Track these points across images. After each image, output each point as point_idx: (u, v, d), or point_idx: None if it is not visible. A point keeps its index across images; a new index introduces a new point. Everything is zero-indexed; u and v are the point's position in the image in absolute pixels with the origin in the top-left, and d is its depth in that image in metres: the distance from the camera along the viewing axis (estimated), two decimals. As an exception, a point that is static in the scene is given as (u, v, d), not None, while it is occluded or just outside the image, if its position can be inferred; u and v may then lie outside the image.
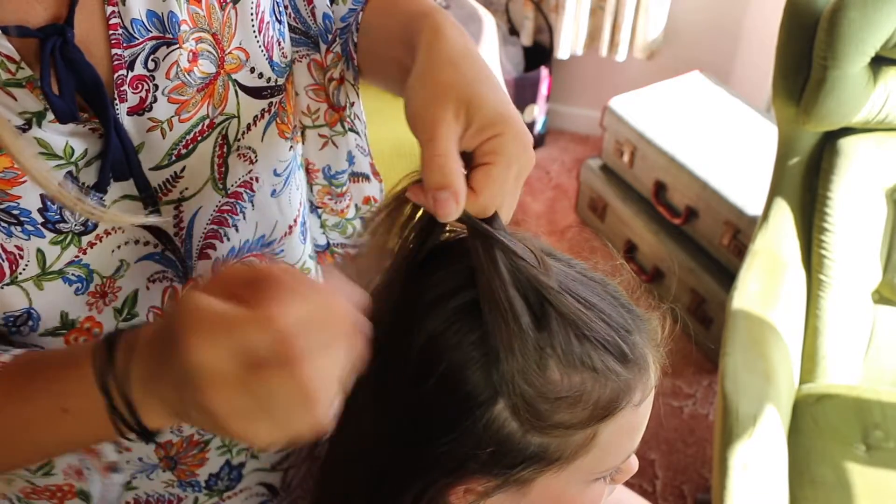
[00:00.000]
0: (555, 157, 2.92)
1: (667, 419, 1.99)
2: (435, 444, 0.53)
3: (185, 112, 0.54)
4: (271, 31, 0.60)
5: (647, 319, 0.58)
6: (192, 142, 0.55)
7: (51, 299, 0.53)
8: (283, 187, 0.66)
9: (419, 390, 0.52)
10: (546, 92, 2.79)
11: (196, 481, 0.71)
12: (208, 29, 0.54)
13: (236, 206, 0.61)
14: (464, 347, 0.51)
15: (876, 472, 1.36)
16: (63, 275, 0.53)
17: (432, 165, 0.48)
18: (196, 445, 0.68)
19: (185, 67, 0.52)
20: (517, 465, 0.53)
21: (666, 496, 1.82)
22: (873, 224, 1.52)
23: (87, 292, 0.55)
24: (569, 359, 0.51)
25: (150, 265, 0.58)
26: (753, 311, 1.47)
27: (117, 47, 0.50)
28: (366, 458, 0.58)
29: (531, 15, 2.70)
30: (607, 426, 0.54)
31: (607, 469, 0.57)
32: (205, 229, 0.60)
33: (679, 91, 2.34)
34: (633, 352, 0.54)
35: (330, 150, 0.71)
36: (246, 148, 0.60)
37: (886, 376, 1.56)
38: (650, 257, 2.25)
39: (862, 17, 1.33)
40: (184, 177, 0.56)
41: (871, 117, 1.48)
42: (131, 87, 0.51)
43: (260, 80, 0.59)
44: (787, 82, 1.48)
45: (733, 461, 1.21)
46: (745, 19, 2.56)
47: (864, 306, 1.55)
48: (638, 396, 0.55)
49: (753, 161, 2.06)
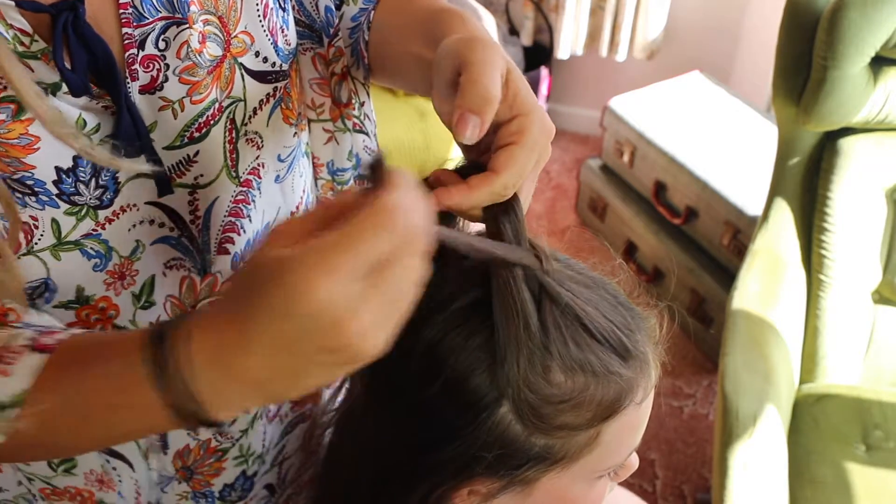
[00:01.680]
0: (555, 157, 2.92)
1: (667, 419, 1.99)
2: (439, 447, 0.53)
3: (196, 94, 0.54)
4: (275, 18, 0.60)
5: (645, 318, 0.58)
6: (206, 125, 0.56)
7: (68, 271, 0.53)
8: (286, 173, 0.66)
9: (424, 394, 0.52)
10: (546, 92, 2.79)
11: (210, 491, 0.70)
12: (214, 12, 0.55)
13: (248, 194, 0.62)
14: (467, 351, 0.51)
15: (876, 472, 1.36)
16: (81, 247, 0.53)
17: (476, 87, 0.46)
18: (213, 453, 0.68)
19: (195, 48, 0.53)
20: (521, 466, 0.53)
21: (666, 496, 1.82)
22: (873, 224, 1.52)
23: (105, 270, 0.55)
24: (572, 360, 0.51)
25: (167, 249, 0.58)
26: (753, 311, 1.47)
27: (128, 26, 0.50)
28: (369, 459, 0.58)
29: (531, 15, 2.70)
30: (611, 425, 0.54)
31: (610, 466, 0.57)
32: (222, 222, 0.60)
33: (679, 91, 2.34)
34: (634, 350, 0.54)
35: (332, 146, 0.71)
36: (253, 133, 0.61)
37: (886, 376, 1.56)
38: (650, 257, 2.25)
39: (862, 17, 1.33)
40: (198, 161, 0.57)
41: (872, 117, 1.48)
42: (142, 66, 0.52)
43: (265, 65, 0.60)
44: (787, 82, 1.48)
45: (733, 461, 1.21)
46: (745, 19, 2.56)
47: (865, 306, 1.55)
48: (640, 394, 0.55)
49: (753, 161, 2.06)
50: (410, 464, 0.55)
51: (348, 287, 0.37)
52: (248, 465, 0.71)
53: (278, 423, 0.74)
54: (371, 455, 0.58)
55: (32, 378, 0.45)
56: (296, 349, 0.38)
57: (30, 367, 0.45)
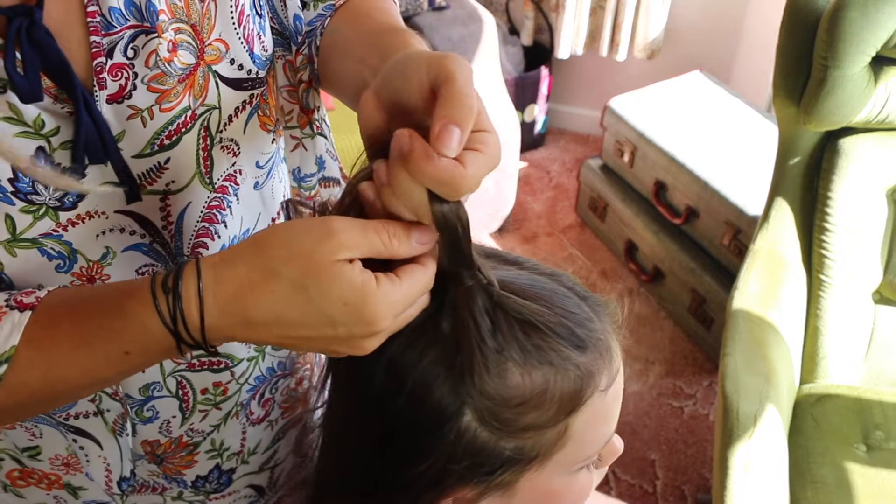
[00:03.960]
0: (555, 156, 2.92)
1: (667, 420, 1.99)
2: (412, 460, 0.53)
3: (166, 102, 0.54)
4: (252, 25, 0.60)
5: (604, 304, 0.58)
6: (176, 133, 0.56)
7: (27, 269, 0.53)
8: (265, 179, 0.66)
9: (389, 411, 0.53)
10: (546, 91, 2.79)
11: (182, 480, 0.71)
12: (187, 20, 0.54)
13: (223, 200, 0.62)
14: (425, 365, 0.52)
15: (877, 472, 1.36)
16: (39, 245, 0.53)
17: (462, 99, 0.45)
18: (185, 447, 0.69)
19: (164, 57, 0.53)
20: (496, 471, 0.53)
21: (666, 497, 1.82)
22: (874, 224, 1.52)
23: (70, 272, 0.55)
24: (526, 359, 0.52)
25: (138, 256, 0.58)
26: (754, 312, 1.46)
27: (96, 34, 0.50)
28: (355, 474, 0.59)
29: (531, 14, 2.70)
30: (577, 417, 0.54)
31: (588, 457, 0.57)
32: (196, 227, 0.60)
33: (679, 91, 2.34)
34: (589, 339, 0.54)
35: (300, 153, 0.72)
36: (229, 140, 0.61)
37: (887, 376, 1.56)
38: (650, 257, 2.25)
39: (863, 17, 1.33)
40: (168, 168, 0.56)
41: (872, 117, 1.48)
42: (111, 75, 0.51)
43: (240, 72, 0.60)
44: (788, 82, 1.47)
45: (734, 461, 1.21)
46: (746, 19, 2.56)
47: (865, 306, 1.54)
48: (604, 381, 0.55)
49: (754, 161, 2.06)
50: (389, 477, 0.55)
51: (392, 322, 0.47)
52: (221, 459, 0.72)
53: (269, 429, 0.75)
54: (355, 468, 0.59)
55: (18, 334, 0.46)
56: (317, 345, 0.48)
57: (13, 323, 0.46)
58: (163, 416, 0.65)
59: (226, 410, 0.69)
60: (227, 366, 0.66)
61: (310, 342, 0.47)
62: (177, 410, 0.66)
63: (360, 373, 0.54)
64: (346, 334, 0.46)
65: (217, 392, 0.67)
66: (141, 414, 0.65)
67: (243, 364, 0.68)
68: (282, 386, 0.74)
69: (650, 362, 2.12)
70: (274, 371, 0.72)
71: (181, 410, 0.66)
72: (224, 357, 0.66)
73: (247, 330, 0.46)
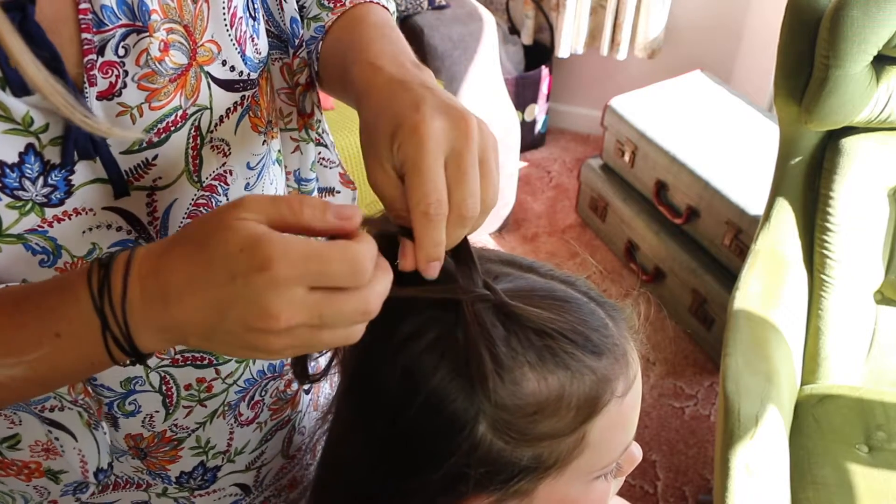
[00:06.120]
0: (555, 156, 2.91)
1: (668, 420, 1.99)
2: (424, 471, 0.53)
3: (156, 100, 0.55)
4: (244, 27, 0.61)
5: (619, 309, 0.58)
6: (165, 131, 0.56)
7: (11, 263, 0.53)
8: (256, 181, 0.67)
9: (401, 422, 0.53)
10: (546, 91, 2.78)
11: (166, 475, 0.72)
12: (179, 21, 0.55)
13: (211, 199, 0.62)
14: (440, 377, 0.51)
15: (878, 473, 1.36)
16: (24, 241, 0.53)
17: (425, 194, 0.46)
18: (168, 442, 0.69)
19: (155, 56, 0.53)
20: (513, 479, 0.53)
21: (667, 497, 1.82)
22: (876, 224, 1.51)
23: (54, 266, 0.55)
24: (541, 362, 0.51)
25: None
26: (755, 312, 1.46)
27: (87, 31, 0.50)
28: (357, 484, 0.58)
29: (532, 14, 2.69)
30: (595, 424, 0.53)
31: (606, 465, 0.56)
32: (181, 223, 0.61)
33: (680, 90, 2.34)
34: (604, 343, 0.53)
35: (299, 155, 0.73)
36: (219, 140, 0.61)
37: (889, 377, 1.55)
38: (651, 257, 2.25)
39: (864, 16, 1.32)
40: (156, 164, 0.57)
41: (874, 117, 1.47)
42: (101, 72, 0.52)
43: (232, 74, 0.60)
44: (789, 81, 1.47)
45: (735, 462, 1.21)
46: (747, 18, 2.55)
47: (867, 307, 1.54)
48: (621, 387, 0.54)
49: (755, 161, 2.06)
50: (398, 488, 0.55)
51: (297, 289, 0.41)
52: (207, 457, 0.72)
53: (258, 430, 0.75)
54: (358, 480, 0.58)
55: None
56: (224, 310, 0.42)
57: None
58: (145, 411, 0.66)
59: (212, 408, 0.69)
60: (211, 363, 0.67)
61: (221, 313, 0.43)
62: (160, 405, 0.66)
63: (372, 382, 0.54)
64: (243, 287, 0.41)
65: (201, 388, 0.67)
66: (123, 407, 0.65)
67: (231, 364, 0.68)
68: (271, 388, 0.74)
69: (651, 363, 2.11)
70: (264, 374, 0.72)
71: (164, 406, 0.66)
72: (207, 352, 0.66)
73: (165, 309, 0.44)
